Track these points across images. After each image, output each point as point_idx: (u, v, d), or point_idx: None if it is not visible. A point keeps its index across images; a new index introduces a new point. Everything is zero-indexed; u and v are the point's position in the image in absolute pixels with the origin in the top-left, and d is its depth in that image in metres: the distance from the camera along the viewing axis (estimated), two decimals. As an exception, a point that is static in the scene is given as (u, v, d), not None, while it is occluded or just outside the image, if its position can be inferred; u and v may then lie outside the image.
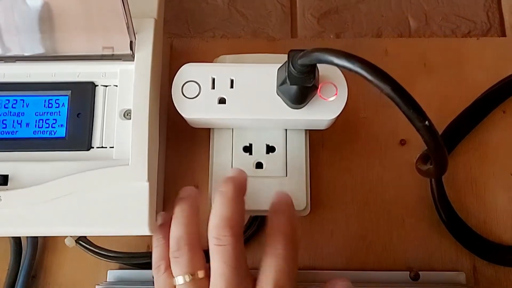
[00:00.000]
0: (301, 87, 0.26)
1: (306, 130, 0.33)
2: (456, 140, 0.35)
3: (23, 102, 0.31)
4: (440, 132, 0.35)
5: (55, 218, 0.28)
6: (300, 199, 0.31)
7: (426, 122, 0.20)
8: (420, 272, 0.33)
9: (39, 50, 0.30)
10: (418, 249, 0.34)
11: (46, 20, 0.29)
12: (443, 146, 0.21)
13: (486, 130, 0.36)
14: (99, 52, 0.30)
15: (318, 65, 0.27)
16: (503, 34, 0.40)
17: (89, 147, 0.30)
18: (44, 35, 0.30)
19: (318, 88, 0.28)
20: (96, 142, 0.30)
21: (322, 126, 0.31)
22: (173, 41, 0.39)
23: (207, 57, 0.34)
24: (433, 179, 0.33)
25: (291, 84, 0.26)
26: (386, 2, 0.40)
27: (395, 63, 0.38)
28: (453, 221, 0.33)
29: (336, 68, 0.29)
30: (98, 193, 0.28)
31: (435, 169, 0.23)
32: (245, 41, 0.39)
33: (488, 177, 0.35)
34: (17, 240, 0.34)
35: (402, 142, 0.36)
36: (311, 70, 0.25)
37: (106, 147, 0.30)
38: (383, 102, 0.37)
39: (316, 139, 0.36)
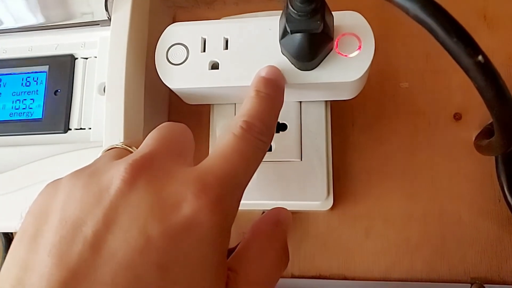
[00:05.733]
0: (307, 35, 0.20)
1: (326, 101, 0.26)
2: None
3: (0, 82, 0.28)
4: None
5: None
6: (319, 188, 0.25)
7: (480, 57, 0.13)
8: (486, 285, 0.25)
9: (15, 22, 0.27)
10: (482, 255, 0.26)
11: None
12: (508, 95, 0.14)
13: None
14: (78, 19, 0.26)
15: (336, 14, 0.21)
16: None
17: (66, 129, 0.26)
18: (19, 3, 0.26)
19: (334, 40, 0.21)
20: (74, 123, 0.26)
21: (345, 94, 0.24)
22: (176, 12, 0.34)
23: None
24: (499, 158, 0.24)
25: (292, 32, 0.20)
26: None
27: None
28: (532, 218, 0.25)
29: (358, 15, 0.22)
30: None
31: (499, 136, 0.16)
32: (261, 4, 0.33)
33: None
34: (7, 236, 0.31)
35: (457, 117, 0.28)
36: (315, 8, 0.18)
37: (84, 128, 0.26)
38: (431, 66, 0.29)
39: (344, 116, 0.29)
